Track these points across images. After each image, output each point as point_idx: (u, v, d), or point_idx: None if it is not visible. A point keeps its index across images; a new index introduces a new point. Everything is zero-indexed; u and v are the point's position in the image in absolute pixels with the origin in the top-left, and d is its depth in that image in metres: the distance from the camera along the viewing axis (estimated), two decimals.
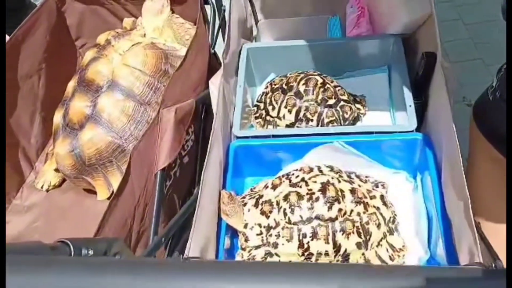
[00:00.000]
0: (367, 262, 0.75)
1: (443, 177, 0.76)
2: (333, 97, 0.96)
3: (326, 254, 0.75)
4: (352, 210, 0.76)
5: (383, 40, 1.01)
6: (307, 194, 0.77)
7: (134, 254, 0.79)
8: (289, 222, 0.76)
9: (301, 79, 0.97)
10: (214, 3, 1.16)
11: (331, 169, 0.83)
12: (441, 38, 0.82)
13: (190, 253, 0.64)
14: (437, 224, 0.74)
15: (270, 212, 0.78)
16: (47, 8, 1.19)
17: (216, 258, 0.74)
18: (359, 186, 0.81)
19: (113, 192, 1.02)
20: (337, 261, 0.75)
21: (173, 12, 1.21)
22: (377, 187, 0.85)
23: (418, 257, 0.77)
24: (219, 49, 1.04)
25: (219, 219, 0.79)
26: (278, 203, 0.78)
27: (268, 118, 1.00)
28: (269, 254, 0.77)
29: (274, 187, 0.82)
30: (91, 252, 0.49)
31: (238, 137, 0.91)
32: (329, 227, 0.75)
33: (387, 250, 0.77)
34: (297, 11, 1.17)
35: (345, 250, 0.75)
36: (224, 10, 1.16)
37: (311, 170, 0.82)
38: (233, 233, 0.81)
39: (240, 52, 1.05)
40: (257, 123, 1.02)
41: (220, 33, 1.20)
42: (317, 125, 0.95)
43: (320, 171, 0.82)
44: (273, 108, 0.99)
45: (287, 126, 0.97)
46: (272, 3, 1.16)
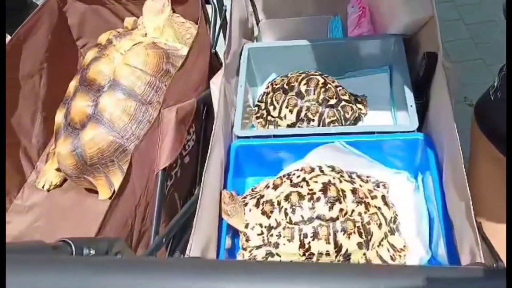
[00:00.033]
0: (368, 262, 0.75)
1: (445, 177, 0.75)
2: (334, 97, 0.96)
3: (327, 254, 0.74)
4: (353, 210, 0.76)
5: (384, 40, 1.01)
6: (308, 194, 0.77)
7: (135, 254, 0.79)
8: (290, 222, 0.76)
9: (302, 79, 0.97)
10: (215, 3, 1.16)
11: (332, 169, 0.83)
12: (442, 38, 0.82)
13: (191, 253, 0.64)
14: (438, 224, 0.74)
15: (271, 212, 0.78)
16: (49, 8, 1.19)
17: (217, 258, 0.74)
18: (360, 186, 0.81)
19: (114, 191, 1.02)
20: (338, 261, 0.75)
21: (174, 11, 1.21)
22: (378, 187, 0.85)
23: (419, 257, 0.77)
24: (220, 49, 1.04)
25: (220, 219, 0.79)
26: (279, 203, 0.78)
27: (269, 118, 1.00)
28: (270, 254, 0.77)
29: (275, 187, 0.82)
30: (92, 252, 0.49)
31: (239, 137, 0.91)
32: (330, 227, 0.75)
33: (388, 250, 0.77)
34: (298, 11, 1.17)
35: (346, 250, 0.75)
36: (225, 10, 1.17)
37: (312, 170, 0.82)
38: (234, 233, 0.81)
39: (241, 52, 1.05)
40: (258, 123, 1.02)
41: (221, 33, 1.20)
42: (318, 125, 0.95)
43: (321, 171, 0.82)
44: (274, 108, 0.99)
45: (288, 126, 0.97)
46: (273, 3, 1.16)
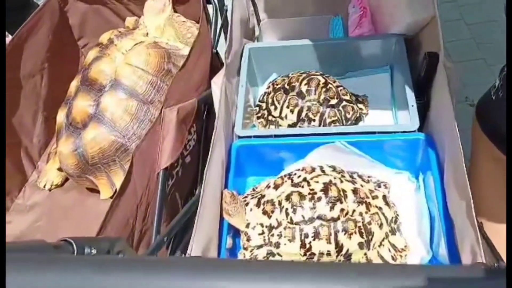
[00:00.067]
0: (369, 262, 0.75)
1: (446, 177, 0.75)
2: (335, 97, 0.96)
3: (328, 254, 0.74)
4: (354, 210, 0.76)
5: (385, 40, 1.01)
6: (309, 194, 0.77)
7: (136, 254, 0.79)
8: (291, 222, 0.76)
9: (303, 79, 0.97)
10: (216, 3, 1.16)
11: (334, 169, 0.83)
12: (443, 38, 0.82)
13: (192, 253, 0.64)
14: (439, 224, 0.74)
15: (272, 212, 0.78)
16: (50, 8, 1.19)
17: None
18: (362, 186, 0.81)
19: (116, 191, 1.03)
20: (339, 261, 0.75)
21: (175, 11, 1.21)
22: (379, 187, 0.85)
23: (420, 257, 0.77)
24: (221, 49, 1.04)
25: (221, 219, 0.79)
26: (280, 203, 0.78)
27: (270, 118, 1.00)
28: (271, 254, 0.77)
29: (276, 187, 0.82)
30: (94, 251, 0.49)
31: (240, 137, 0.91)
32: (331, 227, 0.75)
33: (389, 250, 0.77)
34: (299, 11, 1.17)
35: (347, 250, 0.75)
36: (226, 10, 1.17)
37: (313, 170, 0.82)
38: (235, 232, 0.81)
39: (242, 52, 1.05)
40: (259, 123, 1.02)
41: (222, 33, 1.20)
42: (319, 125, 0.95)
43: (323, 171, 0.82)
44: (275, 108, 0.99)
45: (289, 126, 0.97)
46: (274, 3, 1.16)
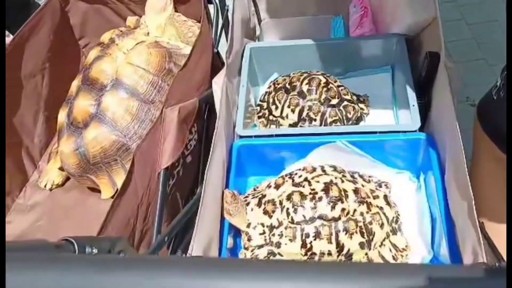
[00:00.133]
0: (370, 262, 0.75)
1: (447, 177, 0.75)
2: (336, 96, 0.96)
3: (329, 254, 0.74)
4: (355, 210, 0.76)
5: (386, 40, 1.01)
6: (310, 193, 0.77)
7: (137, 253, 0.79)
8: (292, 222, 0.76)
9: (304, 79, 0.97)
10: (218, 3, 1.16)
11: (334, 169, 0.83)
12: (444, 38, 0.82)
13: (193, 252, 0.64)
14: (440, 224, 0.74)
15: (273, 211, 0.78)
16: (51, 8, 1.19)
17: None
18: (362, 186, 0.81)
19: (117, 190, 1.03)
20: (340, 261, 0.75)
21: (176, 11, 1.21)
22: (380, 187, 0.85)
23: (421, 257, 0.77)
24: (222, 48, 1.04)
25: (222, 219, 0.79)
26: (281, 203, 0.78)
27: (271, 117, 1.00)
28: (272, 254, 0.77)
29: (277, 187, 0.82)
30: (95, 251, 0.49)
31: (241, 137, 0.91)
32: (332, 227, 0.75)
33: (390, 250, 0.77)
34: (300, 11, 1.17)
35: (348, 250, 0.75)
36: (227, 10, 1.17)
37: (314, 169, 0.82)
38: (236, 232, 0.81)
39: (243, 52, 1.05)
40: (260, 122, 1.02)
41: (223, 33, 1.20)
42: (320, 125, 0.95)
43: (323, 171, 0.82)
44: (276, 108, 0.99)
45: (290, 125, 0.97)
46: (275, 3, 1.16)
